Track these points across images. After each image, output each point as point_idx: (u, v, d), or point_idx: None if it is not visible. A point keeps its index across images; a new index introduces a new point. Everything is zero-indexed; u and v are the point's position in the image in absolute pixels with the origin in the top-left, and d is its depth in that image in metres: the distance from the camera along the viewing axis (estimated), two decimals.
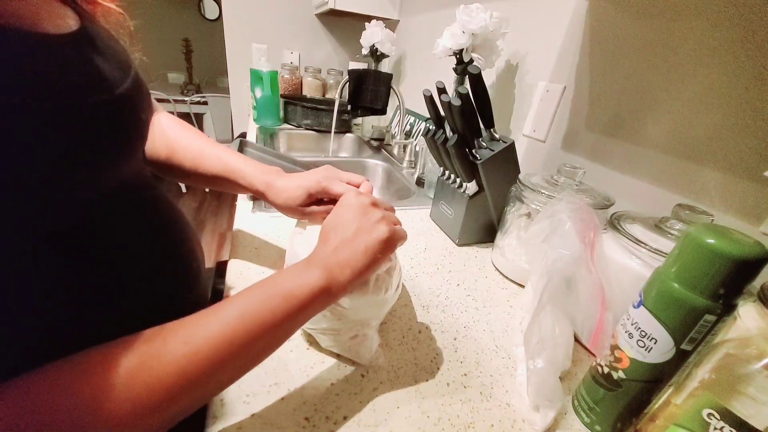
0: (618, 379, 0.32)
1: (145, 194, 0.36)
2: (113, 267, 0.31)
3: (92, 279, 0.30)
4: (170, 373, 0.23)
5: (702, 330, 0.28)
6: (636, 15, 0.55)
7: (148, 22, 3.23)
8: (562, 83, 0.69)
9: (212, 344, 0.25)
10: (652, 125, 0.54)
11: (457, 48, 0.77)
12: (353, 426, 0.32)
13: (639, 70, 0.55)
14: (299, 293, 0.28)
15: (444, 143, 0.59)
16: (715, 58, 0.46)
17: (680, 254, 0.28)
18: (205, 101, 2.57)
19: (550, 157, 0.73)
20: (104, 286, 0.30)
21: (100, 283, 0.30)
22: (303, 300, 0.28)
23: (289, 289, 0.28)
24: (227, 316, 0.26)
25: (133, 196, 0.34)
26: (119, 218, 0.32)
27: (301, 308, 0.28)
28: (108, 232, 0.31)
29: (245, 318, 0.26)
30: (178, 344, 0.24)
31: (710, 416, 0.26)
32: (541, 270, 0.39)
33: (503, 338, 0.46)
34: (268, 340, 0.28)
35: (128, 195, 0.33)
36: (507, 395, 0.38)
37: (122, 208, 0.32)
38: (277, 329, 0.28)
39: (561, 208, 0.42)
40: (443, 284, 0.55)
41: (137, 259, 0.34)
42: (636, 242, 0.40)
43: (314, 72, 1.61)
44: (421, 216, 0.77)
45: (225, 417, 0.31)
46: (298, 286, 0.28)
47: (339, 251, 0.31)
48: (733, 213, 0.45)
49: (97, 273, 0.30)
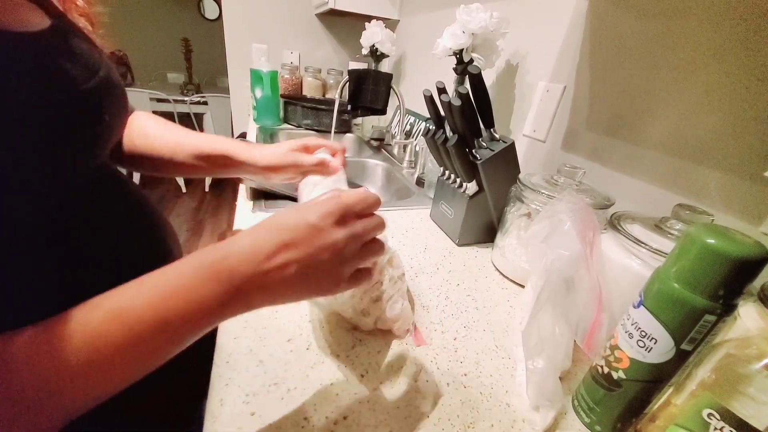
0: (618, 379, 0.32)
1: (112, 191, 0.37)
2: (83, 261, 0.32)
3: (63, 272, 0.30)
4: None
5: (702, 330, 0.28)
6: (636, 15, 0.55)
7: (148, 21, 3.24)
8: (562, 83, 0.69)
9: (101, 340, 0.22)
10: (652, 125, 0.54)
11: (457, 48, 0.77)
12: (353, 426, 0.32)
13: (639, 70, 0.55)
14: (198, 313, 0.24)
15: (444, 143, 0.59)
16: (716, 58, 0.46)
17: (680, 254, 0.28)
18: (205, 101, 2.57)
19: (550, 157, 0.73)
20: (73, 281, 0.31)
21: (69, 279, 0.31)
22: (200, 322, 0.24)
23: (191, 311, 0.24)
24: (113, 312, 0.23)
25: (102, 193, 0.35)
26: (87, 213, 0.33)
27: (195, 327, 0.24)
28: (76, 226, 0.31)
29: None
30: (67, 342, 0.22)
31: (710, 416, 0.26)
32: (541, 270, 0.39)
33: (503, 338, 0.46)
34: (160, 341, 0.24)
35: (96, 191, 0.34)
36: (507, 395, 0.38)
37: (90, 203, 0.33)
38: (170, 336, 0.24)
39: (561, 208, 0.42)
40: (443, 284, 0.55)
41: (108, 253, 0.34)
42: (636, 242, 0.40)
43: (314, 72, 1.61)
44: (421, 216, 0.77)
45: (225, 417, 0.31)
46: (198, 305, 0.24)
47: (270, 275, 0.25)
48: (733, 213, 0.45)
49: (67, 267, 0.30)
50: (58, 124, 0.27)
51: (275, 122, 1.41)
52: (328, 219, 0.27)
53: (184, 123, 2.42)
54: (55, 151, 0.27)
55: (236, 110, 1.76)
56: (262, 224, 0.27)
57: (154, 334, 0.23)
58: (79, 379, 0.22)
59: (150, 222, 0.41)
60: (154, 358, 0.24)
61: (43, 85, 0.26)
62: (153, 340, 0.23)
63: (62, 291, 0.30)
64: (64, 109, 0.28)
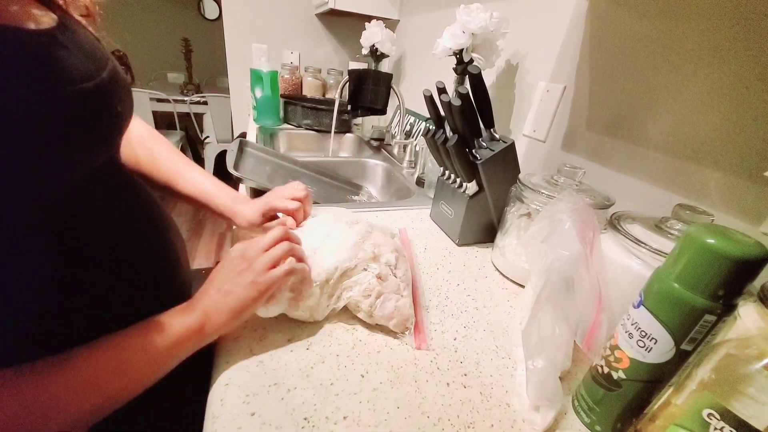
0: (618, 379, 0.32)
1: (120, 185, 0.38)
2: (88, 256, 0.32)
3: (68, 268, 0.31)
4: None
5: (702, 330, 0.28)
6: (636, 15, 0.55)
7: (148, 21, 3.24)
8: (562, 83, 0.69)
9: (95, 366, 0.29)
10: (652, 125, 0.54)
11: (457, 48, 0.77)
12: (353, 426, 0.32)
13: (639, 69, 0.55)
14: (176, 330, 0.33)
15: (444, 143, 0.59)
16: (716, 57, 0.46)
17: (680, 254, 0.28)
18: (205, 101, 2.56)
19: (550, 157, 0.73)
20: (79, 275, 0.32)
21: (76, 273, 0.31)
22: (178, 336, 0.33)
23: (168, 326, 0.33)
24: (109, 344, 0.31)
25: (108, 186, 0.36)
26: (93, 208, 0.33)
27: (175, 344, 0.33)
28: (82, 221, 0.32)
29: (126, 345, 0.31)
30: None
31: (710, 416, 0.26)
32: (541, 270, 0.39)
33: (503, 338, 0.46)
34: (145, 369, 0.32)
35: (103, 185, 0.35)
36: (507, 395, 0.38)
37: (97, 197, 0.34)
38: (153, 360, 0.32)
39: (561, 208, 0.42)
40: (443, 284, 0.55)
41: (113, 247, 0.35)
42: (636, 242, 0.40)
43: (314, 72, 1.61)
44: (421, 216, 0.77)
45: (225, 417, 0.31)
46: (177, 323, 0.33)
47: (216, 298, 0.36)
48: (733, 213, 0.45)
49: (72, 262, 0.31)
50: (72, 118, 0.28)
51: (275, 122, 1.41)
52: (249, 250, 0.39)
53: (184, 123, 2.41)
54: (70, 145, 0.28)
55: (236, 110, 1.76)
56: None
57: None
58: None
59: (154, 217, 0.42)
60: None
61: (57, 81, 0.27)
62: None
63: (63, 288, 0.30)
64: (77, 103, 0.28)
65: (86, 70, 0.30)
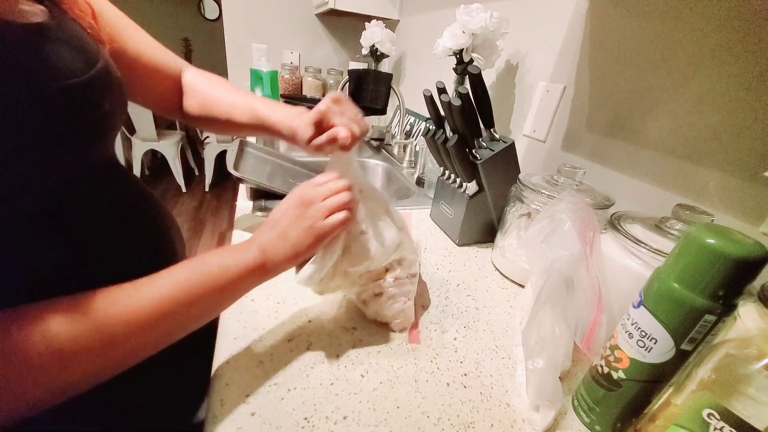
0: (618, 379, 0.32)
1: (120, 184, 0.38)
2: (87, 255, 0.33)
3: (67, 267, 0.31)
4: (116, 321, 0.27)
5: (702, 330, 0.28)
6: (636, 15, 0.55)
7: (148, 21, 3.24)
8: (562, 83, 0.69)
9: (157, 301, 0.29)
10: (652, 125, 0.54)
11: (457, 48, 0.77)
12: (353, 426, 0.32)
13: (639, 70, 0.55)
14: (235, 268, 0.33)
15: (444, 143, 0.59)
16: (716, 58, 0.46)
17: (680, 254, 0.28)
18: None
19: (550, 157, 0.73)
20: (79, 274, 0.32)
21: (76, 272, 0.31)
22: (238, 273, 0.33)
23: (227, 264, 0.33)
24: (173, 280, 0.31)
25: (108, 186, 0.36)
26: (93, 207, 0.33)
27: (235, 281, 0.33)
28: (81, 219, 0.32)
29: (189, 282, 0.31)
30: (125, 298, 0.28)
31: (710, 416, 0.26)
32: (541, 270, 0.39)
33: (503, 338, 0.46)
34: (204, 305, 0.32)
35: (102, 184, 0.35)
36: (507, 395, 0.38)
37: (96, 196, 0.34)
38: (214, 296, 0.32)
39: (561, 208, 0.42)
40: (443, 284, 0.55)
41: (112, 246, 0.35)
42: (636, 242, 0.40)
43: (314, 72, 1.61)
44: (421, 216, 0.77)
45: (225, 417, 0.31)
46: (234, 261, 0.33)
47: (276, 237, 0.35)
48: (733, 213, 0.45)
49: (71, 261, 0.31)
50: (56, 114, 0.28)
51: None
52: (309, 191, 0.37)
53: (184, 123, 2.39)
54: (54, 142, 0.28)
55: None
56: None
57: None
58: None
59: (153, 215, 0.42)
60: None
61: (42, 76, 0.27)
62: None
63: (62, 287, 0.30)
64: (62, 99, 0.28)
65: (74, 66, 0.30)
